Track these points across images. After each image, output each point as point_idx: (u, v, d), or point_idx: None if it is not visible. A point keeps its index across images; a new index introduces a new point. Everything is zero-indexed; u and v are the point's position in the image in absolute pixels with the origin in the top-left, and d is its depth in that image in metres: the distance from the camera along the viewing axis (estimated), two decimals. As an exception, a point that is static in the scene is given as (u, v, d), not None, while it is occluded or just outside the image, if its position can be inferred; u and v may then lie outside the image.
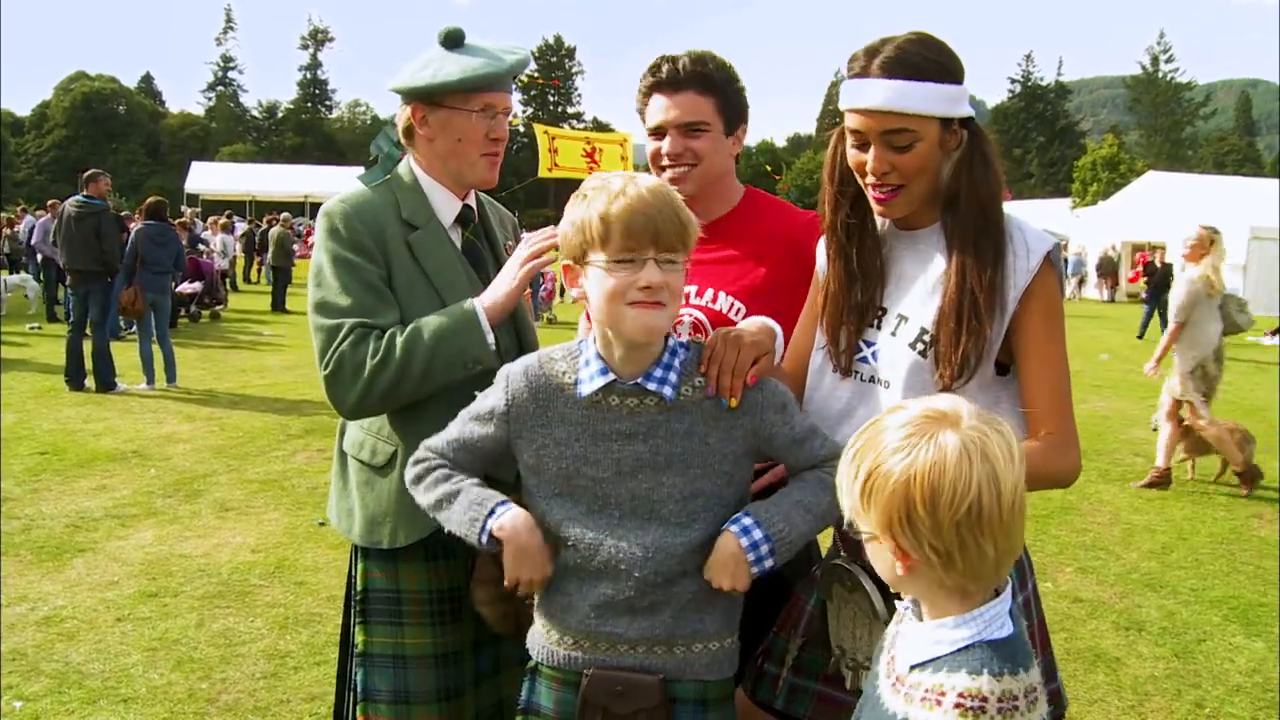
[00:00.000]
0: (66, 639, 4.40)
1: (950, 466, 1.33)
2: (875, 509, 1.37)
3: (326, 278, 2.21)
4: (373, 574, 2.33)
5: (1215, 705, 4.07)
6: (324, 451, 8.01)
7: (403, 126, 2.38)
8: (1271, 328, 21.46)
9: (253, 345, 14.89)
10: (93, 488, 6.80)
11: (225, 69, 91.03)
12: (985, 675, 1.33)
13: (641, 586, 1.80)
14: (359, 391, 2.14)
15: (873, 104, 1.87)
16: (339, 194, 2.34)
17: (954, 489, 1.32)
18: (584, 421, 1.83)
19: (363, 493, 2.31)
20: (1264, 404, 11.87)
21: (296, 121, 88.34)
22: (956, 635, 1.39)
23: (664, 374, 1.82)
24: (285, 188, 44.46)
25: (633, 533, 1.81)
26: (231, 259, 22.64)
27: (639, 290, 1.71)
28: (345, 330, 2.15)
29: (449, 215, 2.38)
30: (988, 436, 1.37)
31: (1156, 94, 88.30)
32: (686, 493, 1.81)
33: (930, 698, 1.36)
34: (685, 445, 1.81)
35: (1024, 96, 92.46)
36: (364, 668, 2.30)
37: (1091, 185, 54.00)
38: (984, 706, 1.31)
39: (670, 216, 1.73)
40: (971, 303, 1.87)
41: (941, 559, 1.35)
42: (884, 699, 1.48)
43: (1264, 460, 8.74)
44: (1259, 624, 4.96)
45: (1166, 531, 6.53)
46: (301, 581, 5.16)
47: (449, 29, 2.33)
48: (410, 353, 2.13)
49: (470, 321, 2.19)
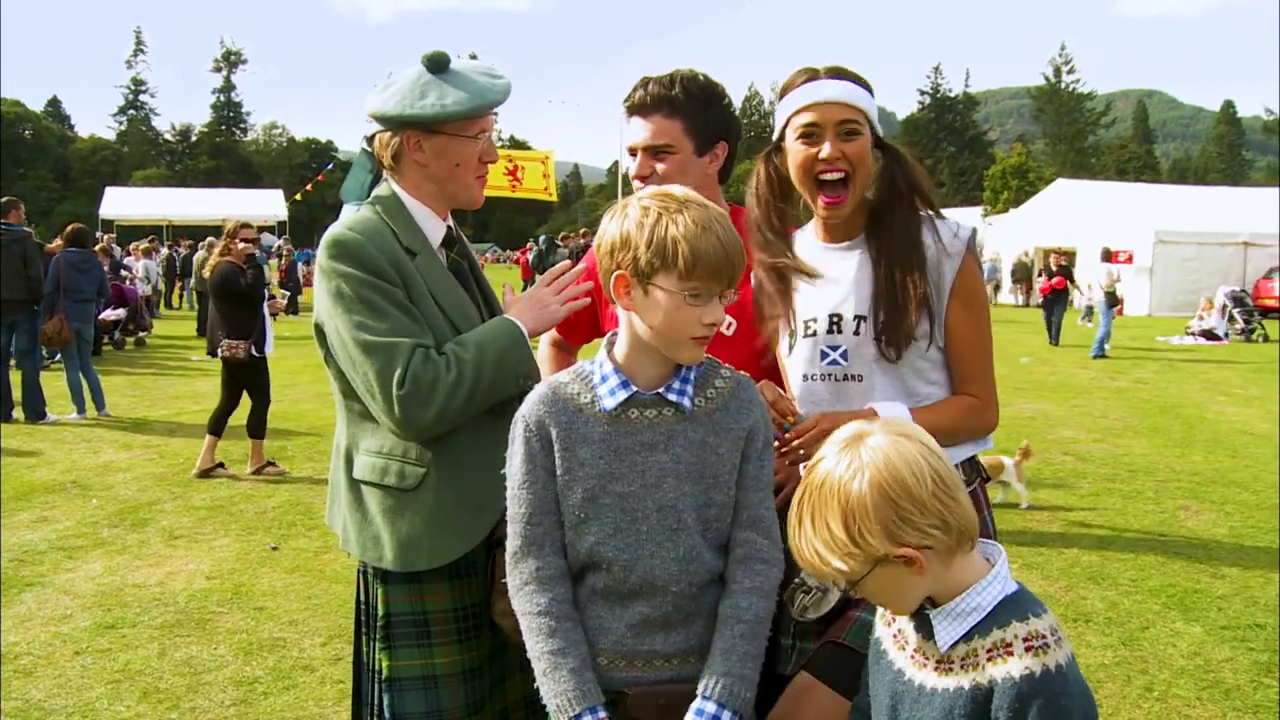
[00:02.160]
0: (24, 675, 4.31)
1: (895, 458, 1.53)
2: (869, 534, 1.51)
3: (357, 304, 2.17)
4: (395, 598, 2.29)
5: (1163, 688, 4.27)
6: (268, 476, 7.93)
7: (392, 152, 2.35)
8: (1180, 329, 22.32)
9: (181, 371, 14.59)
10: (34, 520, 6.64)
11: (136, 92, 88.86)
12: (1032, 618, 1.53)
13: (678, 600, 1.85)
14: (436, 410, 2.13)
15: (829, 97, 2.17)
16: (339, 222, 2.33)
17: (912, 470, 1.52)
18: (607, 438, 1.86)
19: (391, 518, 2.26)
20: (1177, 401, 12.36)
21: (211, 144, 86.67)
22: (984, 599, 1.57)
23: (682, 386, 1.88)
24: (202, 211, 43.37)
25: (663, 546, 1.84)
26: (154, 284, 22.12)
27: (704, 325, 1.80)
28: (408, 350, 2.13)
29: (436, 238, 2.40)
30: (900, 427, 1.60)
31: (1060, 104, 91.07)
32: (702, 501, 1.87)
33: (998, 653, 1.52)
34: (700, 455, 1.87)
35: (934, 107, 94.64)
36: (391, 693, 2.27)
37: (1002, 193, 55.55)
38: (1046, 642, 1.50)
39: (741, 256, 1.81)
40: (902, 286, 2.15)
41: (941, 529, 1.52)
42: (930, 685, 1.59)
43: (1182, 454, 9.15)
44: (1196, 609, 5.19)
45: (1102, 526, 6.79)
46: (261, 607, 5.12)
47: (435, 54, 2.34)
48: (480, 369, 2.16)
49: (521, 338, 2.25)
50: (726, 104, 2.57)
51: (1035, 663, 1.48)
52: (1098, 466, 8.63)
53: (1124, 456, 9.05)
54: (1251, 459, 8.96)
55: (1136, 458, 9.01)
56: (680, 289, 1.77)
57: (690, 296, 1.77)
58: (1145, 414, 11.27)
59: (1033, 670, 1.48)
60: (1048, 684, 1.47)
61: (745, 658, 1.83)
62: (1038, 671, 1.47)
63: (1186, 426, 10.61)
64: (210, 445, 7.93)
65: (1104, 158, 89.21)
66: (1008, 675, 1.49)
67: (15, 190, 56.61)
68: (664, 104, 2.47)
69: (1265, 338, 21.77)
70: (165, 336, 19.25)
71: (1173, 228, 28.44)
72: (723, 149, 2.58)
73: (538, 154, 19.51)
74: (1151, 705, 4.12)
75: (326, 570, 5.66)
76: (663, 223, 1.77)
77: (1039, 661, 1.48)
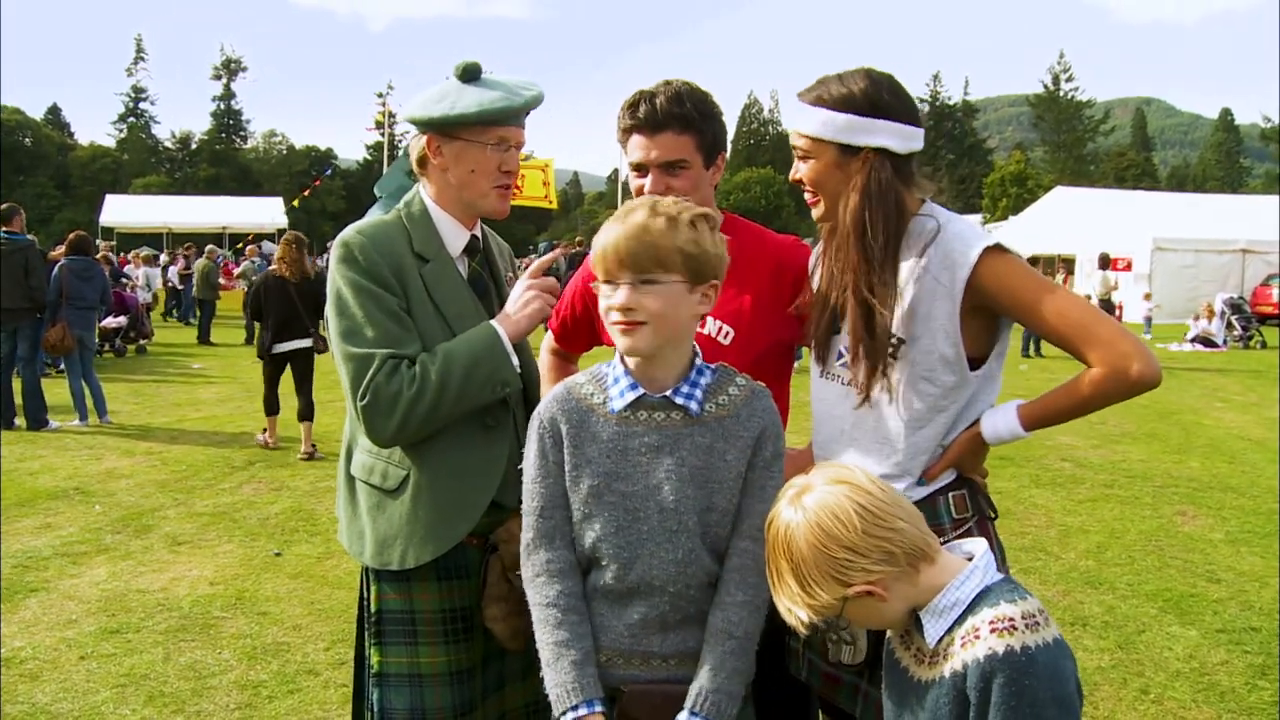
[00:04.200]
0: (30, 680, 4.34)
1: (823, 511, 1.63)
2: (819, 585, 1.62)
3: (350, 308, 2.24)
4: (386, 595, 2.36)
5: (1159, 691, 4.31)
6: (270, 483, 7.97)
7: (417, 156, 2.41)
8: (1178, 335, 22.36)
9: (183, 379, 14.64)
10: (37, 526, 6.67)
11: (136, 100, 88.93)
12: (1004, 603, 1.60)
13: (675, 601, 1.90)
14: (397, 421, 2.18)
15: (792, 125, 2.24)
16: (358, 223, 2.38)
17: (837, 519, 1.61)
18: (615, 438, 1.91)
19: (373, 516, 2.34)
20: (1175, 407, 12.40)
21: (211, 152, 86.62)
22: (962, 594, 1.64)
23: (690, 390, 1.92)
24: (202, 219, 43.56)
25: (662, 547, 1.89)
26: (154, 292, 22.17)
27: (615, 310, 1.85)
28: (378, 362, 2.19)
29: (457, 245, 2.43)
30: (836, 474, 1.69)
31: (1059, 111, 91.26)
32: (704, 505, 1.90)
33: (968, 638, 1.59)
34: (707, 460, 1.90)
35: (933, 115, 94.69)
36: (380, 688, 2.33)
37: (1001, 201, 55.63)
38: (1013, 625, 1.56)
39: (642, 239, 1.84)
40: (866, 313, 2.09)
41: (886, 561, 1.61)
42: (921, 678, 1.66)
43: (1179, 460, 9.19)
44: (1191, 613, 5.23)
45: (1099, 531, 6.82)
46: (264, 612, 5.16)
47: (466, 63, 2.39)
48: (445, 380, 2.19)
49: (497, 345, 2.27)
50: (721, 114, 2.61)
51: (999, 643, 1.55)
52: (1095, 472, 8.67)
53: (1121, 462, 9.09)
54: (1248, 465, 9.00)
55: (1134, 463, 9.05)
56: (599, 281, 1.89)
57: (604, 283, 1.88)
58: (1143, 420, 11.31)
59: (995, 650, 1.54)
60: (1010, 662, 1.53)
61: (734, 674, 1.88)
62: (1000, 651, 1.54)
63: (1184, 432, 10.65)
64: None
65: (1103, 165, 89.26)
66: (974, 657, 1.56)
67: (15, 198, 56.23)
68: (675, 121, 2.46)
69: (1263, 344, 21.84)
70: (166, 344, 19.29)
71: (1171, 235, 28.51)
72: (722, 160, 2.62)
73: (538, 162, 19.51)
74: (1148, 708, 4.16)
75: (329, 576, 5.69)
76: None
77: (1003, 642, 1.55)
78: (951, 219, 2.17)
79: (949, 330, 2.08)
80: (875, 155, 2.12)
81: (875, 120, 2.11)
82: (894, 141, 2.12)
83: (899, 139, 2.13)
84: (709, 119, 2.53)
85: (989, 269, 2.05)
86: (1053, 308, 2.03)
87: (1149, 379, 1.98)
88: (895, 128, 2.12)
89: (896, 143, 2.12)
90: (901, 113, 2.14)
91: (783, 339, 2.54)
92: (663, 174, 2.49)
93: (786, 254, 2.60)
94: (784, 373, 2.61)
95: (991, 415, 2.12)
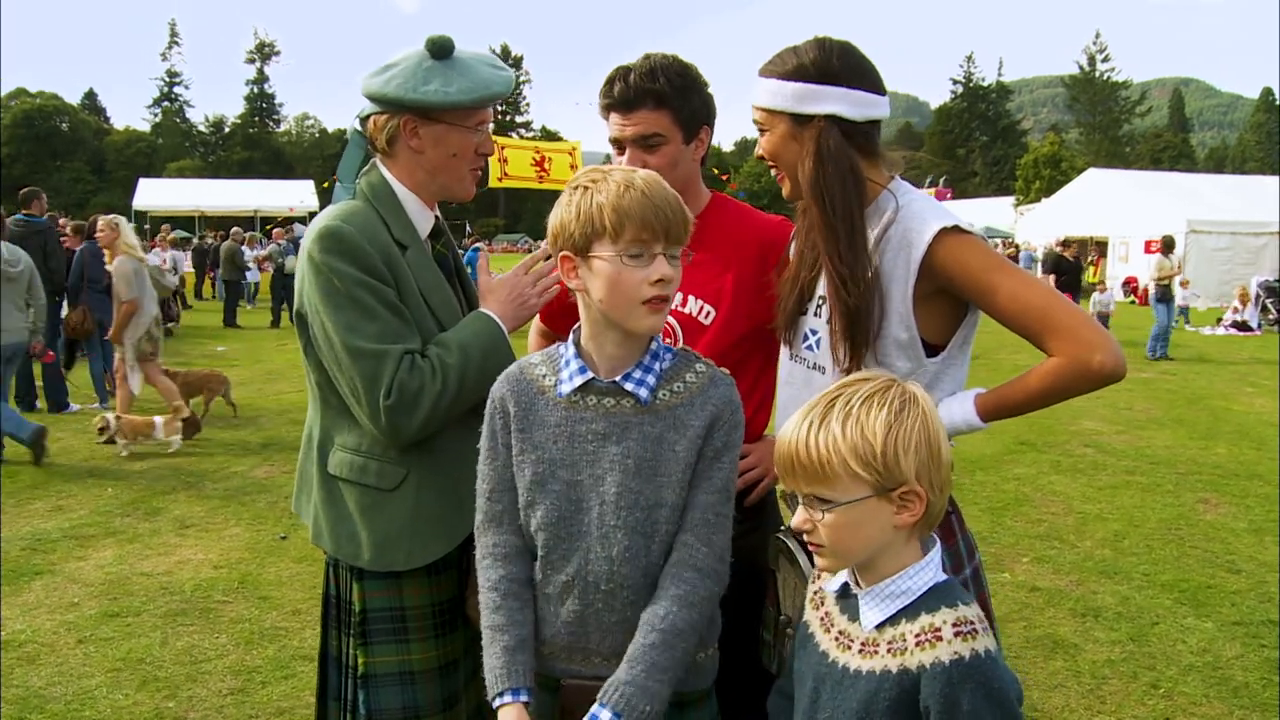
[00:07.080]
0: (27, 663, 4.34)
1: (932, 416, 1.55)
2: (904, 455, 1.50)
3: (348, 304, 2.12)
4: (373, 594, 2.26)
5: (1170, 685, 4.19)
6: (283, 465, 7.97)
7: (387, 136, 2.26)
8: (1210, 320, 21.97)
9: (205, 361, 14.68)
10: (49, 509, 6.70)
11: (171, 84, 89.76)
12: (961, 605, 1.52)
13: (609, 601, 1.80)
14: (422, 418, 2.10)
15: (753, 99, 2.16)
16: (331, 211, 2.24)
17: (943, 436, 1.55)
18: (562, 423, 1.82)
19: (369, 517, 2.23)
20: (1204, 392, 12.18)
21: (244, 136, 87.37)
22: (915, 584, 1.55)
23: (642, 376, 1.81)
24: (234, 202, 43.88)
25: (599, 543, 1.79)
26: (181, 275, 22.29)
27: (652, 286, 1.72)
28: (395, 359, 2.10)
29: (425, 229, 2.34)
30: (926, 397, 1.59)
31: (1094, 93, 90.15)
32: (652, 501, 1.79)
33: (926, 638, 1.49)
34: (655, 451, 1.79)
35: (966, 97, 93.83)
36: (367, 689, 2.24)
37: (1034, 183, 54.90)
38: (975, 628, 1.49)
39: (677, 208, 1.75)
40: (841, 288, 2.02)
41: (939, 495, 1.53)
42: (854, 668, 1.56)
43: (1205, 446, 9.01)
44: (1208, 605, 5.10)
45: (1118, 519, 6.68)
46: (265, 596, 5.14)
47: (439, 38, 2.26)
48: (464, 374, 2.13)
49: (502, 339, 2.23)
50: (705, 87, 2.52)
51: (965, 648, 1.46)
52: (1118, 459, 8.50)
53: (1145, 448, 8.92)
54: (1276, 451, 8.79)
55: (1158, 450, 8.87)
56: (616, 252, 1.72)
57: (628, 258, 1.72)
58: (1171, 405, 11.11)
59: (962, 655, 1.46)
60: (978, 668, 1.45)
61: (653, 669, 1.72)
62: (967, 656, 1.46)
63: (1212, 418, 10.44)
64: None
65: (1138, 147, 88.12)
66: (937, 660, 1.47)
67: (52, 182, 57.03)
68: (649, 96, 2.39)
69: (1299, 328, 21.44)
70: (193, 327, 19.41)
71: (1205, 217, 28.01)
72: (706, 134, 2.53)
73: (565, 144, 19.49)
74: (1156, 702, 4.05)
75: (333, 560, 5.66)
76: (588, 196, 1.75)
77: (968, 646, 1.46)
78: (913, 198, 2.07)
79: (902, 313, 1.99)
80: (825, 121, 2.05)
81: (824, 87, 2.04)
82: (845, 108, 2.04)
83: (852, 105, 2.04)
84: (687, 92, 2.45)
85: (945, 250, 1.95)
86: (1010, 292, 1.93)
87: (1112, 371, 1.87)
88: (846, 94, 2.04)
89: (849, 109, 2.04)
90: (855, 79, 2.06)
91: (768, 320, 2.46)
92: (639, 150, 2.43)
93: (773, 233, 2.52)
94: (771, 355, 2.52)
95: (948, 404, 2.02)
